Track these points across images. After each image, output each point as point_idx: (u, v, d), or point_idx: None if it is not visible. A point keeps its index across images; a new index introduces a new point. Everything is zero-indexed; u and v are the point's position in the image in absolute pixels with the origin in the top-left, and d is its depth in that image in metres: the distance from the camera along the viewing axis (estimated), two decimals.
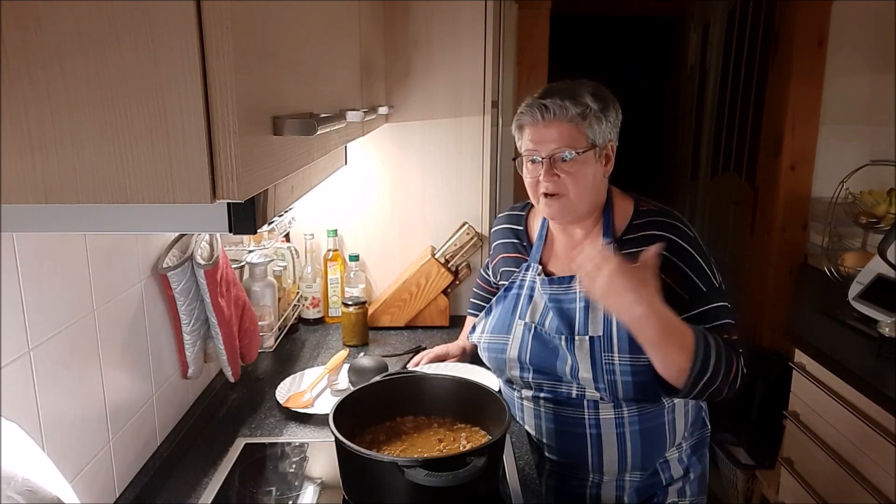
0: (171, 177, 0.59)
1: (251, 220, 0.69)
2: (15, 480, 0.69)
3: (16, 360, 0.86)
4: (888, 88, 2.49)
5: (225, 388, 1.59)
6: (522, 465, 1.29)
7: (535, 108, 1.27)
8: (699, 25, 3.72)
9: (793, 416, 2.18)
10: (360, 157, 2.04)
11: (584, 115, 1.26)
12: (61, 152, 0.59)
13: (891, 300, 2.01)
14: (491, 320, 1.43)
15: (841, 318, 2.15)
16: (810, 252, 2.70)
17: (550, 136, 1.26)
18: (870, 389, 1.79)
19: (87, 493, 1.03)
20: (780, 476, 2.29)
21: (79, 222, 0.67)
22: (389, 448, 1.18)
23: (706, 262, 1.28)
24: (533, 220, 1.47)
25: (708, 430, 1.47)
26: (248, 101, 0.62)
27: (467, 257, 2.07)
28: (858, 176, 2.35)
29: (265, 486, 1.22)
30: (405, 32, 1.97)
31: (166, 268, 1.24)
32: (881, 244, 2.06)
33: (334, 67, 1.07)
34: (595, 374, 1.26)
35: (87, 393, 1.04)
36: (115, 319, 1.12)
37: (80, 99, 0.57)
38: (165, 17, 0.56)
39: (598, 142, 1.28)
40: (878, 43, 2.51)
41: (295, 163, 0.80)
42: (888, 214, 2.27)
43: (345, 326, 1.89)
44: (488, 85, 2.02)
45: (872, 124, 2.57)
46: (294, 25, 0.80)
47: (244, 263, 1.73)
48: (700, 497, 1.45)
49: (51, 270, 0.94)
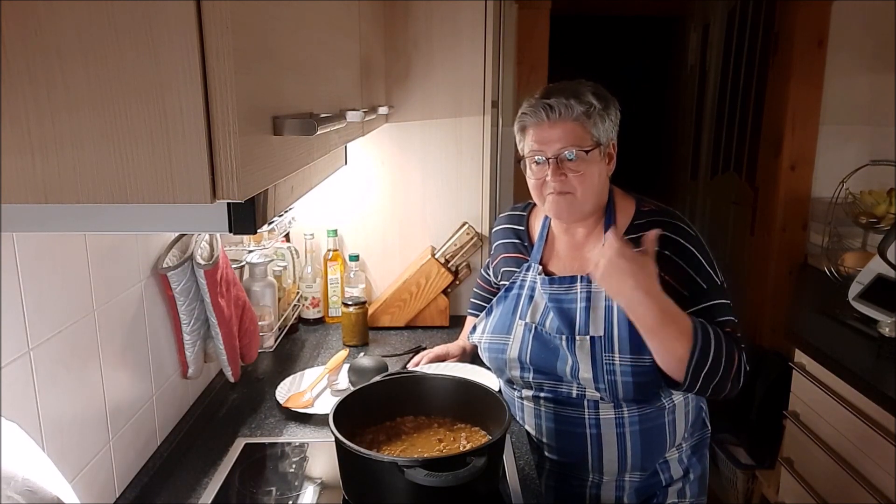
0: (171, 177, 0.59)
1: (251, 220, 0.69)
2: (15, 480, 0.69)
3: (16, 360, 0.86)
4: (888, 88, 2.49)
5: (225, 388, 1.59)
6: (522, 465, 1.29)
7: (539, 108, 1.26)
8: (699, 25, 3.72)
9: (793, 416, 2.18)
10: (360, 157, 2.04)
11: (589, 113, 1.25)
12: (61, 152, 0.59)
13: (891, 300, 2.01)
14: (491, 320, 1.43)
15: (841, 318, 2.15)
16: (810, 252, 2.70)
17: (555, 135, 1.26)
18: (870, 389, 1.79)
19: (87, 493, 1.03)
20: (780, 476, 2.29)
21: (79, 222, 0.67)
22: (389, 448, 1.18)
23: (707, 260, 1.28)
24: (534, 221, 1.47)
25: (708, 430, 1.47)
26: (248, 101, 0.62)
27: (467, 257, 2.07)
28: (858, 176, 2.35)
29: (265, 486, 1.22)
30: (405, 32, 1.97)
31: (166, 268, 1.24)
32: (881, 244, 2.06)
33: (334, 67, 1.07)
34: (595, 374, 1.26)
35: (87, 393, 1.04)
36: (115, 319, 1.12)
37: (80, 99, 0.57)
38: (165, 17, 0.56)
39: (602, 140, 1.28)
40: (878, 43, 2.52)
41: (295, 163, 0.80)
42: (888, 214, 2.27)
43: (345, 326, 1.89)
44: (488, 85, 2.02)
45: (872, 124, 2.57)
46: (294, 25, 0.80)
47: (244, 263, 1.73)
48: (700, 498, 1.45)
49: (51, 270, 0.94)
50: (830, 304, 2.23)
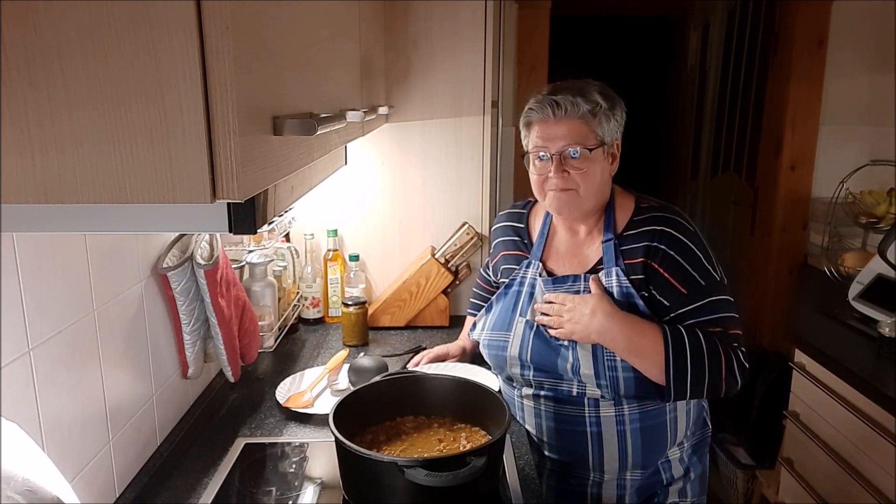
0: (171, 177, 0.59)
1: (251, 220, 0.69)
2: (15, 480, 0.69)
3: (16, 360, 0.86)
4: (888, 88, 2.49)
5: (225, 388, 1.59)
6: (522, 465, 1.29)
7: (545, 104, 1.26)
8: (699, 25, 3.72)
9: (793, 416, 2.18)
10: (360, 157, 2.04)
11: (595, 112, 1.26)
12: (61, 152, 0.58)
13: (891, 300, 2.01)
14: (491, 317, 1.43)
15: (841, 318, 2.15)
16: (810, 252, 2.70)
17: (560, 132, 1.26)
18: (870, 389, 1.79)
19: (87, 493, 1.03)
20: (780, 476, 2.29)
21: (79, 222, 0.67)
22: (389, 448, 1.18)
23: (706, 256, 1.28)
24: (534, 219, 1.47)
25: (709, 429, 1.47)
26: (248, 101, 0.62)
27: (467, 257, 2.07)
28: (858, 176, 2.35)
29: (265, 486, 1.22)
30: (405, 32, 1.97)
31: (166, 268, 1.24)
32: (881, 244, 2.06)
33: (334, 67, 1.07)
34: (597, 371, 1.26)
35: (87, 393, 1.04)
36: (115, 319, 1.12)
37: (80, 99, 0.57)
38: (165, 17, 0.56)
39: (607, 139, 1.28)
40: (878, 43, 2.52)
41: (295, 163, 0.80)
42: (888, 214, 2.27)
43: (345, 326, 1.89)
44: (488, 85, 2.02)
45: (872, 124, 2.57)
46: (294, 25, 0.80)
47: (244, 263, 1.73)
48: (700, 497, 1.45)
49: (51, 270, 0.94)
50: (830, 304, 2.23)
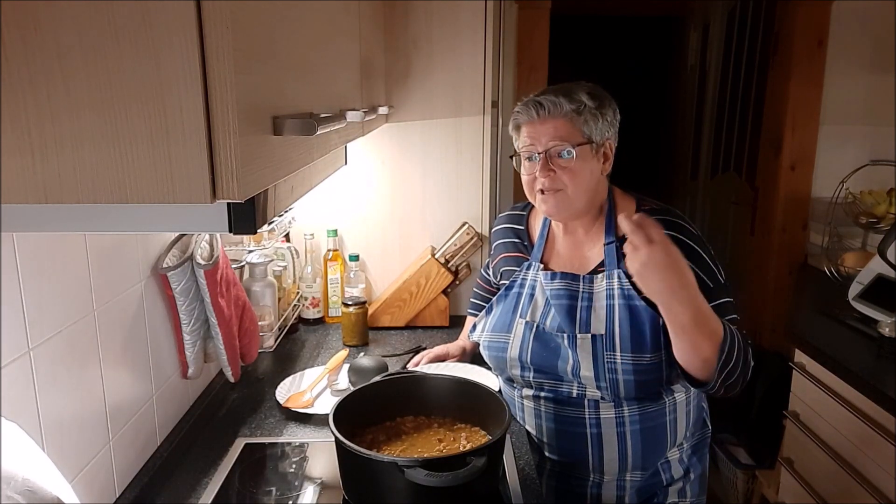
0: (171, 177, 0.59)
1: (251, 220, 0.69)
2: (15, 480, 0.69)
3: (16, 360, 0.86)
4: (888, 88, 2.50)
5: (225, 388, 1.59)
6: (522, 465, 1.29)
7: (529, 105, 1.29)
8: (699, 25, 3.72)
9: (793, 416, 2.18)
10: (360, 157, 2.04)
11: (579, 111, 1.27)
12: (61, 152, 0.58)
13: (891, 300, 2.01)
14: (492, 319, 1.43)
15: (841, 318, 2.15)
16: (810, 252, 2.70)
17: (546, 131, 1.27)
18: (870, 389, 1.79)
19: (87, 493, 1.03)
20: (780, 476, 2.29)
21: (79, 222, 0.67)
22: (389, 448, 1.18)
23: (710, 259, 1.28)
24: (534, 220, 1.47)
25: (709, 430, 1.47)
26: (248, 101, 0.62)
27: (467, 257, 2.07)
28: (858, 176, 2.35)
29: (265, 486, 1.22)
30: (405, 32, 1.97)
31: (166, 268, 1.24)
32: (881, 244, 2.07)
33: (334, 67, 1.07)
34: (597, 373, 1.26)
35: (87, 393, 1.04)
36: (115, 319, 1.12)
37: (80, 99, 0.57)
38: (165, 17, 0.56)
39: (595, 138, 1.28)
40: (878, 43, 2.52)
41: (295, 163, 0.80)
42: (888, 214, 2.27)
43: (345, 326, 1.89)
44: (488, 85, 2.02)
45: (872, 124, 2.58)
46: (294, 26, 0.80)
47: (244, 263, 1.73)
48: (700, 497, 1.45)
49: (51, 270, 0.94)
50: (830, 304, 2.23)
